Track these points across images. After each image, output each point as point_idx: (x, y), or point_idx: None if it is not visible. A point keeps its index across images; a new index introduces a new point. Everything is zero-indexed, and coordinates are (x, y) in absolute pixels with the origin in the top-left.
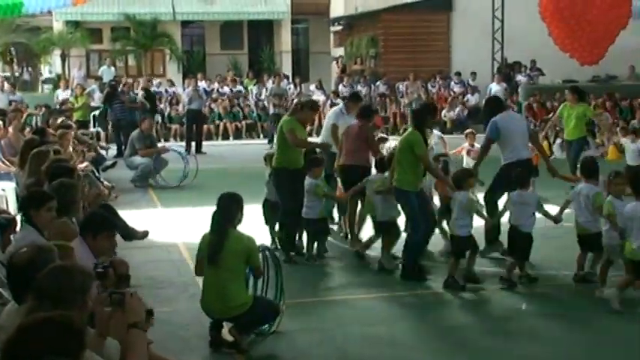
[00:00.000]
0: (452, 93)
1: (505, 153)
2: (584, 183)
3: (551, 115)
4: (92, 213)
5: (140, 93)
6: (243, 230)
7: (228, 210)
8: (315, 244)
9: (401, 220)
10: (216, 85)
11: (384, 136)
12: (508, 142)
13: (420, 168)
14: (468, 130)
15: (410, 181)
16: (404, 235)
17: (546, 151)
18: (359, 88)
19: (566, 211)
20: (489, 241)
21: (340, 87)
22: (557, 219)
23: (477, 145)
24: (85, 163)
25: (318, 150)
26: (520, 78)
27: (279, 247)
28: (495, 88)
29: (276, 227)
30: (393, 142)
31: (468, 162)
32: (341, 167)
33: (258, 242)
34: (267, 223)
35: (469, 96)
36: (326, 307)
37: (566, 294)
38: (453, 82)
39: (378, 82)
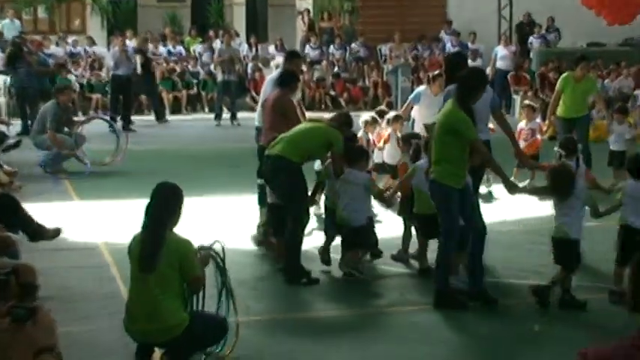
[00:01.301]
0: None
1: None
2: None
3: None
4: None
5: (138, 57)
6: (179, 231)
7: (166, 205)
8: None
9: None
10: (149, 45)
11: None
12: None
13: (466, 157)
14: None
15: (452, 174)
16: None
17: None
18: (331, 50)
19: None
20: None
21: (307, 49)
22: None
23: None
24: None
25: None
26: (533, 40)
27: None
28: (502, 52)
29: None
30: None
31: None
32: (260, 149)
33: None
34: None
35: (469, 62)
36: (295, 326)
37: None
38: (449, 45)
39: (354, 44)
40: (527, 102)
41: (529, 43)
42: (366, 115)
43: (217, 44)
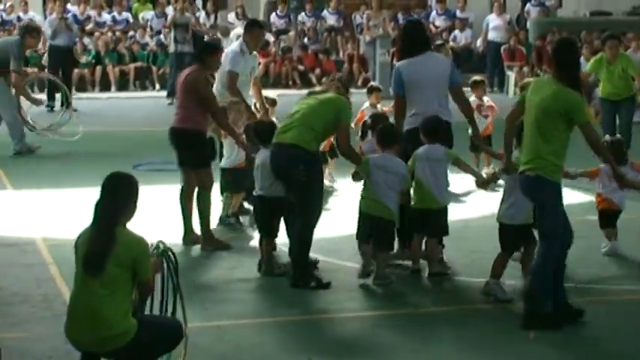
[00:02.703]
0: (433, 28)
1: (409, 113)
2: None
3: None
4: None
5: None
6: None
7: (118, 199)
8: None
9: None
10: (92, 12)
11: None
12: (414, 97)
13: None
14: (476, 78)
15: (559, 168)
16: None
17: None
18: (300, 19)
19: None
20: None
21: (273, 17)
22: None
23: (487, 100)
24: None
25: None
26: (530, 8)
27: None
28: (495, 21)
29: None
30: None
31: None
32: (170, 131)
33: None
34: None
35: (457, 33)
36: (259, 331)
37: None
38: (434, 13)
39: (325, 12)
40: (528, 79)
41: (525, 11)
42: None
43: (170, 11)
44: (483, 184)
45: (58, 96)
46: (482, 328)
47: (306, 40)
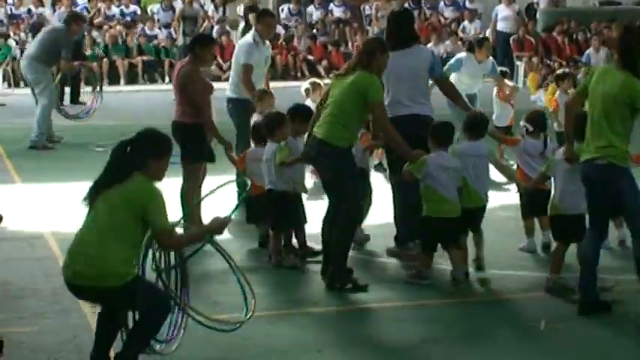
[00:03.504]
0: (441, 20)
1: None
2: None
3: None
4: None
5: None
6: None
7: (146, 148)
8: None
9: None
10: (101, 5)
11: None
12: (387, 89)
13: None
14: (501, 68)
15: (627, 153)
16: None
17: (461, 97)
18: (309, 10)
19: None
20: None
21: (284, 13)
22: None
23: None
24: None
25: None
26: None
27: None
28: (504, 12)
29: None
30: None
31: (497, 109)
32: (171, 125)
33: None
34: (252, 222)
35: (466, 24)
36: (275, 324)
37: None
38: (442, 4)
39: (331, 4)
40: (560, 71)
41: (535, 1)
42: (307, 83)
43: (178, 4)
44: (526, 189)
45: (67, 89)
46: (488, 320)
47: (314, 31)
